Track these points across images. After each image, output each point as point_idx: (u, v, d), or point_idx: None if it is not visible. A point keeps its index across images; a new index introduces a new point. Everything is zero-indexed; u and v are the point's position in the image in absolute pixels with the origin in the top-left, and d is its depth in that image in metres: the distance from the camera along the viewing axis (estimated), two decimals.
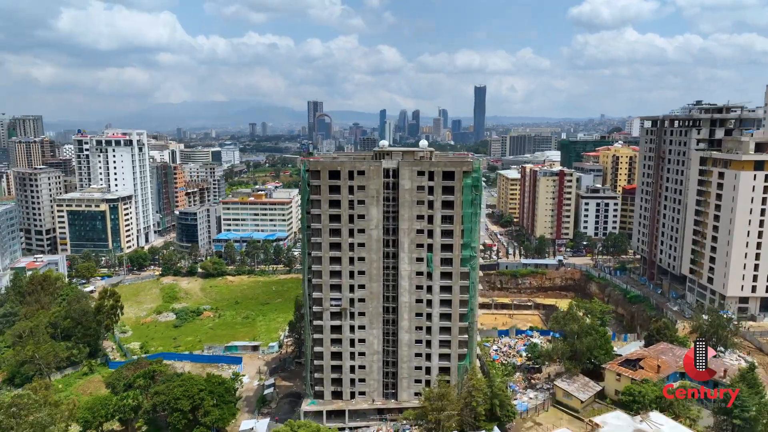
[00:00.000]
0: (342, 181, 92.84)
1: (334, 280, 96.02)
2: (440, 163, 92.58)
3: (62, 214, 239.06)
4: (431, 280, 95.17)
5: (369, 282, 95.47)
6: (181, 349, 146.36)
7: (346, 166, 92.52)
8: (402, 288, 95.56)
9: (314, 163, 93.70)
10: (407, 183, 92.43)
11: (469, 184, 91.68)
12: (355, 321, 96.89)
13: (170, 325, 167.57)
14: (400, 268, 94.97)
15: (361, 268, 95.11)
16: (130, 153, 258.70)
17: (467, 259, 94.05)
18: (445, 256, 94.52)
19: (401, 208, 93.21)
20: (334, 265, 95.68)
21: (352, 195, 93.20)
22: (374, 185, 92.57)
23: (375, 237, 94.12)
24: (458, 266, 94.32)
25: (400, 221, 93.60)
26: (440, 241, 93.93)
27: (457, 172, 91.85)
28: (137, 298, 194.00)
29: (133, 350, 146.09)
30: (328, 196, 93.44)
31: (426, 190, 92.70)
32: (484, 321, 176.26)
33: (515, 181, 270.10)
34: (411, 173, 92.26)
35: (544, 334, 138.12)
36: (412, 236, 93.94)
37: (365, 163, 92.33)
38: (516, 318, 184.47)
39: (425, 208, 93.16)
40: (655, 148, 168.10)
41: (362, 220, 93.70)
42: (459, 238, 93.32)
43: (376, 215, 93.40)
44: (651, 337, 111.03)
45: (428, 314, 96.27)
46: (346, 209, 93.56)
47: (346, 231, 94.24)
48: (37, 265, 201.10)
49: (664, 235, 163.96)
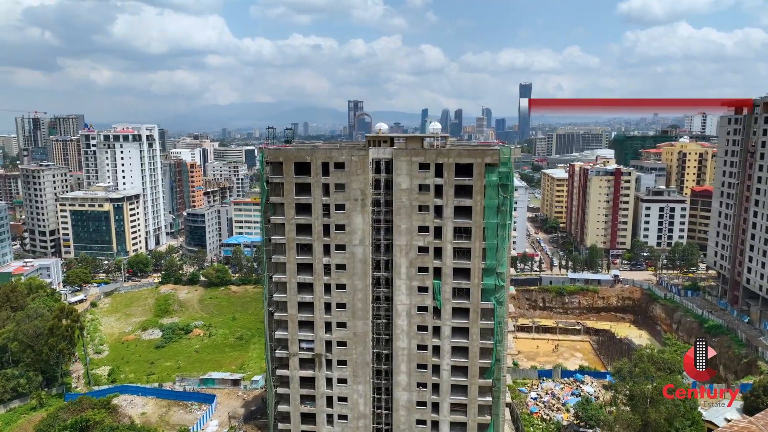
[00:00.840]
0: (313, 177, 65.93)
1: (304, 315, 69.27)
2: (452, 153, 64.22)
3: (65, 214, 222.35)
4: (439, 319, 67.11)
5: (352, 319, 68.20)
6: (154, 378, 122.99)
7: (318, 156, 65.49)
8: (398, 329, 67.89)
9: (274, 151, 67.08)
10: (405, 180, 64.71)
11: (494, 183, 63.15)
12: (333, 372, 69.79)
13: (153, 344, 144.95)
14: (396, 301, 67.33)
15: (341, 299, 67.96)
16: (138, 149, 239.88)
17: (491, 291, 65.48)
18: (460, 284, 66.30)
19: (397, 215, 65.60)
20: (303, 294, 68.93)
21: (328, 197, 66.20)
22: (358, 184, 65.25)
23: (360, 256, 66.79)
24: (478, 300, 65.90)
25: (395, 235, 66.02)
26: (452, 264, 65.74)
27: (476, 165, 63.45)
28: (128, 310, 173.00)
29: (98, 378, 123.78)
30: (294, 198, 66.72)
31: (432, 191, 64.73)
32: (523, 348, 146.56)
33: (562, 182, 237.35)
34: (410, 167, 64.46)
35: (598, 376, 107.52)
36: (411, 256, 66.14)
37: (345, 152, 65.00)
38: (562, 344, 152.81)
39: (430, 216, 65.17)
40: (740, 141, 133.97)
41: (342, 233, 66.52)
42: (479, 260, 64.89)
43: (361, 226, 66.06)
44: (755, 398, 79.36)
45: (435, 366, 68.19)
46: (319, 217, 66.63)
47: (319, 247, 67.31)
48: (26, 269, 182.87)
49: (753, 249, 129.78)
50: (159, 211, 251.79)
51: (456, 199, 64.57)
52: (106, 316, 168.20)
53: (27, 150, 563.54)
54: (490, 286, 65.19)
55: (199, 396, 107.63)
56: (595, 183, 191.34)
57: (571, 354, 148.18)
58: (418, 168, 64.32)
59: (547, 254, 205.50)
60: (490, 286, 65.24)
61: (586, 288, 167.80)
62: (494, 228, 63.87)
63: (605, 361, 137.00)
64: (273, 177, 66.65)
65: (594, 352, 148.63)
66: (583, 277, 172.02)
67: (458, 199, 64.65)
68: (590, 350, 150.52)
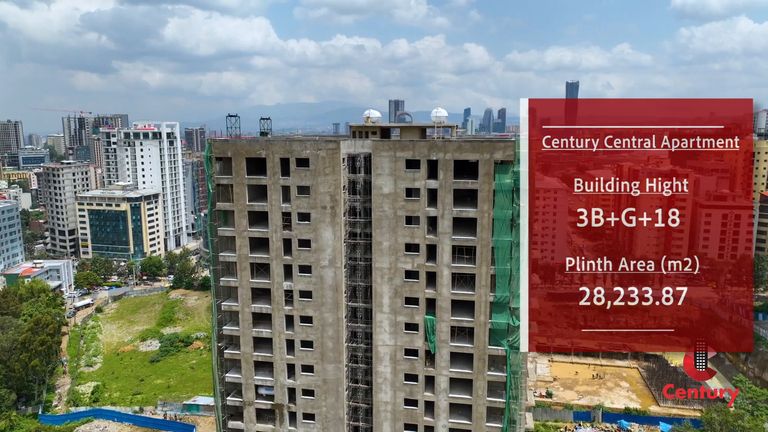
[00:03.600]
0: (270, 177, 50.59)
1: (261, 354, 54.06)
2: (450, 146, 47.52)
3: (83, 214, 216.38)
4: (434, 367, 50.63)
5: (321, 362, 52.53)
6: (139, 399, 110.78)
7: (275, 150, 50.05)
8: (380, 377, 51.82)
9: (221, 144, 52.09)
10: (387, 183, 48.56)
11: (507, 187, 46.30)
12: (298, 428, 54.24)
13: (149, 357, 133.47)
14: (377, 341, 51.26)
15: (307, 335, 52.38)
16: (158, 147, 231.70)
17: (502, 332, 48.62)
18: (461, 322, 49.70)
19: (377, 229, 49.53)
20: (260, 328, 53.70)
21: (289, 203, 50.73)
22: (327, 186, 49.49)
23: (330, 281, 51.02)
24: (485, 344, 49.12)
25: (375, 254, 49.96)
26: (450, 295, 49.15)
27: (482, 163, 46.70)
28: (133, 316, 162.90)
29: (79, 396, 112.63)
30: (246, 204, 51.55)
31: (423, 198, 48.34)
32: (560, 373, 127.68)
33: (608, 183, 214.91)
34: (394, 164, 48.26)
35: (650, 422, 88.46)
36: (396, 283, 49.94)
37: (310, 145, 49.31)
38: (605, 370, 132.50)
39: (421, 230, 48.80)
40: None
41: (307, 250, 50.94)
42: (486, 290, 48.15)
43: (331, 242, 50.28)
44: None
45: (428, 428, 51.69)
46: (277, 229, 51.24)
47: (278, 268, 51.92)
48: (35, 271, 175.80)
49: None
50: (180, 211, 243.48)
51: (455, 208, 48.00)
52: (109, 323, 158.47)
53: (72, 149, 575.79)
54: (502, 326, 48.31)
55: (177, 426, 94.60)
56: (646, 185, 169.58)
57: (615, 383, 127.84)
58: (405, 166, 48.04)
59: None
60: (502, 326, 48.36)
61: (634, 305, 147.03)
62: (507, 248, 47.01)
63: (656, 394, 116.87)
64: (221, 177, 51.70)
65: (643, 381, 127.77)
66: None
67: (458, 208, 48.07)
68: (638, 379, 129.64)
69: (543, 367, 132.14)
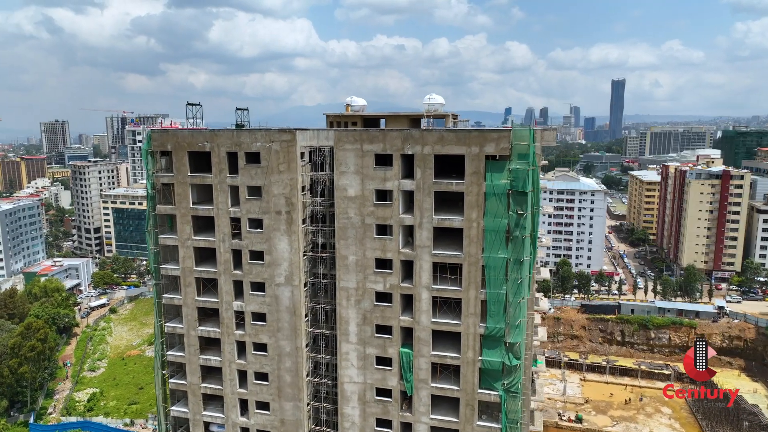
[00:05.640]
0: (216, 175, 41.83)
1: (210, 386, 45.41)
2: (430, 137, 37.53)
3: (108, 212, 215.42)
4: (410, 411, 40.79)
5: (278, 398, 43.43)
6: (134, 409, 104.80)
7: (221, 142, 41.25)
8: (346, 420, 42.29)
9: (161, 135, 43.63)
10: (353, 183, 39.04)
11: (501, 189, 36.05)
12: None
13: (153, 363, 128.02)
14: (342, 376, 41.80)
15: (261, 366, 43.39)
16: None
17: (496, 373, 38.31)
18: (444, 358, 39.71)
19: (341, 240, 40.07)
20: (208, 354, 45.07)
21: (238, 207, 41.87)
22: (282, 187, 40.36)
23: (287, 302, 41.87)
24: (474, 386, 38.96)
25: (339, 271, 40.53)
26: (430, 324, 39.23)
27: (470, 159, 36.61)
28: (145, 318, 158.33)
29: (75, 404, 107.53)
30: (190, 208, 42.98)
31: (397, 201, 38.60)
32: (593, 394, 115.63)
33: (653, 185, 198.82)
34: (361, 160, 38.68)
35: None
36: (365, 307, 40.36)
37: (261, 136, 40.27)
38: (645, 392, 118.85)
39: (394, 242, 39.05)
40: None
41: (259, 264, 41.94)
42: (475, 319, 38.03)
43: (287, 254, 41.13)
44: None
45: None
46: (225, 238, 42.44)
47: (227, 285, 43.11)
48: (54, 269, 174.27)
49: None
50: None
51: (437, 215, 38.06)
52: (121, 324, 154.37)
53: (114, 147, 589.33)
54: (495, 365, 38.01)
55: None
56: (695, 188, 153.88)
57: (656, 409, 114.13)
58: (375, 162, 38.41)
59: (630, 273, 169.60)
60: (495, 366, 38.06)
61: (679, 321, 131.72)
62: (500, 266, 36.73)
63: (703, 424, 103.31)
64: (161, 175, 43.32)
65: (688, 408, 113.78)
66: (676, 307, 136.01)
67: (441, 215, 38.10)
68: (683, 405, 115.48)
69: (574, 386, 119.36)
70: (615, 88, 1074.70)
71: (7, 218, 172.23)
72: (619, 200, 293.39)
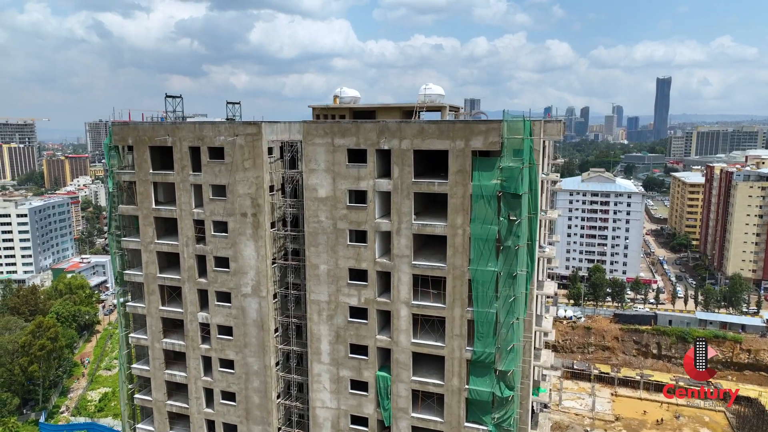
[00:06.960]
0: (178, 173, 37.75)
1: (175, 403, 41.42)
2: (409, 130, 32.34)
3: None
4: None
5: (245, 421, 39.04)
6: None
7: (183, 136, 37.11)
8: None
9: (121, 129, 39.79)
10: (324, 182, 34.22)
11: (490, 190, 30.57)
12: None
13: None
14: (314, 400, 37.05)
15: (228, 385, 39.09)
16: None
17: (485, 405, 32.80)
18: (426, 385, 34.44)
19: (311, 247, 35.33)
20: (174, 369, 41.07)
21: (201, 208, 37.68)
22: (247, 186, 35.93)
23: (254, 315, 37.43)
24: (460, 418, 33.59)
25: (309, 281, 35.81)
26: (410, 345, 34.04)
27: (453, 154, 31.27)
28: None
29: (86, 404, 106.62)
30: (152, 209, 39.05)
31: (372, 203, 33.58)
32: (624, 411, 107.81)
33: (696, 188, 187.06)
34: (332, 156, 33.81)
35: None
36: (338, 323, 35.50)
37: (224, 131, 35.92)
38: (683, 411, 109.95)
39: (370, 251, 34.04)
40: None
41: (225, 272, 37.64)
42: (461, 341, 32.67)
43: (254, 261, 36.68)
44: None
45: None
46: (189, 242, 38.32)
47: (192, 294, 38.98)
48: (81, 266, 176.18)
49: None
50: None
51: (418, 221, 32.84)
52: None
53: None
54: (484, 395, 32.51)
55: None
56: (743, 190, 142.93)
57: (695, 430, 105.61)
58: (347, 159, 33.47)
59: (670, 280, 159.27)
60: (484, 396, 32.56)
61: (723, 335, 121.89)
62: (489, 281, 31.23)
63: None
64: (123, 173, 39.55)
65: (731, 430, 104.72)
66: (720, 319, 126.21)
67: (422, 220, 32.87)
68: (726, 426, 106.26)
69: (603, 401, 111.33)
70: (660, 87, 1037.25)
71: (37, 215, 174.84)
72: (661, 203, 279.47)
